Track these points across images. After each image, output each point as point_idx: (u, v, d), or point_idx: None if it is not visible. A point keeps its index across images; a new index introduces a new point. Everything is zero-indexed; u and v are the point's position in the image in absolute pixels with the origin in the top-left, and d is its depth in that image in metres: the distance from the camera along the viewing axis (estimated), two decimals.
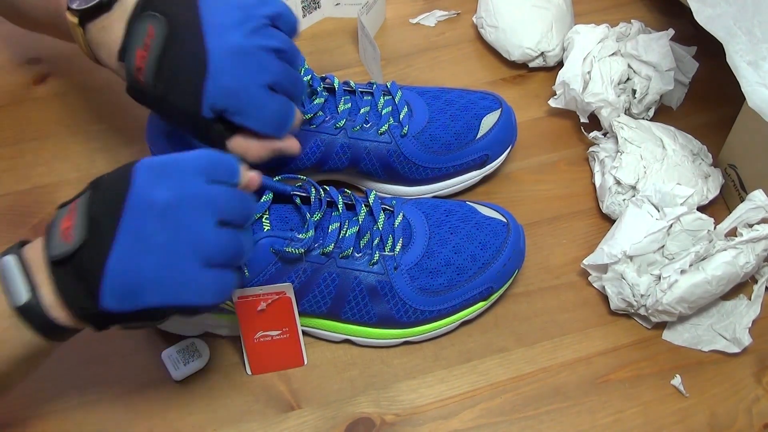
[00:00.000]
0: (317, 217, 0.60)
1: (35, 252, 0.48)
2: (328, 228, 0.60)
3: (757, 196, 0.64)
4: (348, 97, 0.70)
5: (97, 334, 0.49)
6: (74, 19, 0.58)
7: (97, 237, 0.46)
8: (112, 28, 0.57)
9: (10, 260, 0.48)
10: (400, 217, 0.63)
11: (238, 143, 0.58)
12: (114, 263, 0.46)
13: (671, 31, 0.77)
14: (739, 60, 0.62)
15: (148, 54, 0.55)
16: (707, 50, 0.76)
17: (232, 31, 0.55)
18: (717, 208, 0.73)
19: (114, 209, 0.46)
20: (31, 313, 0.47)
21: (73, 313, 0.48)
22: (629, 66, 0.77)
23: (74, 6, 0.58)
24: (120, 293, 0.46)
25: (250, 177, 0.52)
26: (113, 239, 0.46)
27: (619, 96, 0.76)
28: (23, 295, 0.47)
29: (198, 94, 0.55)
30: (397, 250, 0.61)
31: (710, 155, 0.74)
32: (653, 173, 0.70)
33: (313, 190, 0.61)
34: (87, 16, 0.58)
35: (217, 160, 0.49)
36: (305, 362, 0.64)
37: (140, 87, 0.57)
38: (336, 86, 0.69)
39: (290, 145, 0.60)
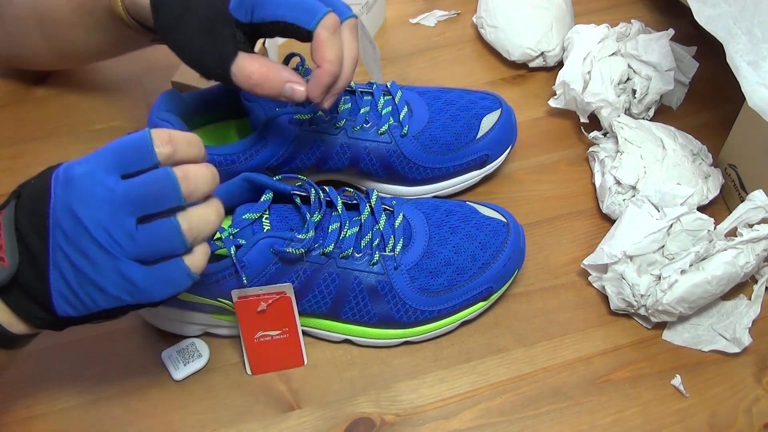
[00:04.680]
0: (317, 217, 0.60)
1: None
2: (328, 228, 0.60)
3: (757, 196, 0.64)
4: (348, 96, 0.70)
5: (97, 335, 0.49)
6: None
7: (31, 258, 0.46)
8: None
9: None
10: (400, 218, 0.63)
11: (252, 65, 0.56)
12: (56, 280, 0.46)
13: (671, 31, 0.77)
14: (739, 60, 0.62)
15: None
16: (707, 50, 0.76)
17: None
18: (717, 208, 0.73)
19: (39, 225, 0.46)
20: None
21: (33, 324, 0.48)
22: (629, 66, 0.77)
23: None
24: (72, 303, 0.47)
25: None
26: (47, 258, 0.46)
27: (619, 96, 0.76)
28: None
29: None
30: (398, 250, 0.61)
31: (710, 155, 0.74)
32: (653, 173, 0.70)
33: (312, 190, 0.61)
34: None
35: (126, 148, 0.46)
36: (305, 362, 0.64)
37: None
38: None
39: (298, 85, 0.57)
